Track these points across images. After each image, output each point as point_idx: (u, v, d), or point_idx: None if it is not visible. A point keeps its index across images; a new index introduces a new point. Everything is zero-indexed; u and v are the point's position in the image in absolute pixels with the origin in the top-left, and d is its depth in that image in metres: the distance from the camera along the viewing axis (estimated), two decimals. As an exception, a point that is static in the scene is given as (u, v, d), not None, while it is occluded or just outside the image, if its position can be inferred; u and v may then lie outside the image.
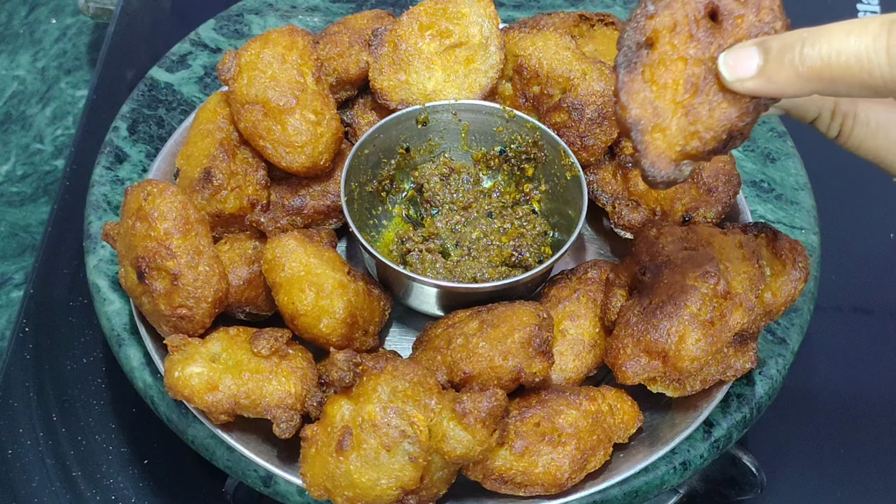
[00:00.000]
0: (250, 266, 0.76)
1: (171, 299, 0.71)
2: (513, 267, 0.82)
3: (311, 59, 0.83)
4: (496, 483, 0.68)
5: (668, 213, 0.81)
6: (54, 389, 0.89)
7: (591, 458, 0.69)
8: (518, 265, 0.82)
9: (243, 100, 0.81)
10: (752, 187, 0.93)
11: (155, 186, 0.72)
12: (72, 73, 1.24)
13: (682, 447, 0.74)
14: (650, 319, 0.69)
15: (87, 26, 1.29)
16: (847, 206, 1.07)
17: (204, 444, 0.73)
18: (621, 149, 0.86)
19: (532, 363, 0.69)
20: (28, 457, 0.85)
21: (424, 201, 0.87)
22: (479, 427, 0.63)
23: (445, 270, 0.81)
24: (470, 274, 0.81)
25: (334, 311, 0.72)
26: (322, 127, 0.81)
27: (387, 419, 0.64)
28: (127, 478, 0.84)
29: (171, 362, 0.69)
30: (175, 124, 0.94)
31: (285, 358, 0.70)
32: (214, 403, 0.68)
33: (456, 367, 0.70)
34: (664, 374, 0.69)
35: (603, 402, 0.72)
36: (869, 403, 0.93)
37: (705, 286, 0.69)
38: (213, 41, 1.02)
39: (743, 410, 0.77)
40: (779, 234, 0.77)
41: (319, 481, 0.66)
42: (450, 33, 0.86)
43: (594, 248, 0.90)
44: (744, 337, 0.71)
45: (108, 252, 0.83)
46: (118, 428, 0.87)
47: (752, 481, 0.82)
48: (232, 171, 0.80)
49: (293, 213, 0.83)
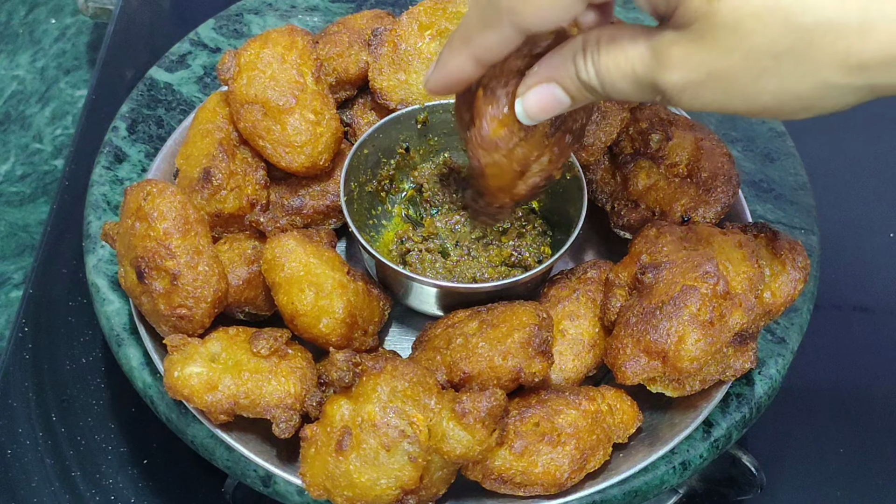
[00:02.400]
0: (250, 266, 0.76)
1: (170, 299, 0.71)
2: (512, 267, 0.82)
3: (310, 59, 0.83)
4: (495, 483, 0.68)
5: (667, 214, 0.81)
6: (53, 389, 0.89)
7: (591, 458, 0.69)
8: (518, 265, 0.82)
9: (243, 99, 0.81)
10: (752, 187, 0.93)
11: (154, 186, 0.72)
12: (71, 73, 1.24)
13: (681, 447, 0.74)
14: (650, 319, 0.69)
15: (87, 26, 1.29)
16: (847, 205, 1.07)
17: (203, 444, 0.73)
18: (621, 148, 0.86)
19: (532, 363, 0.69)
20: (27, 457, 0.85)
21: (424, 201, 0.87)
22: (479, 427, 0.63)
23: (445, 270, 0.81)
24: (470, 274, 0.81)
25: (334, 311, 0.72)
26: (322, 127, 0.81)
27: (386, 419, 0.64)
28: (126, 478, 0.84)
29: (170, 362, 0.69)
30: (174, 124, 0.94)
31: (285, 358, 0.70)
32: (214, 403, 0.68)
33: (455, 367, 0.70)
34: (664, 375, 0.69)
35: (602, 401, 0.72)
36: (869, 403, 0.93)
37: (705, 286, 0.69)
38: (212, 41, 1.02)
39: (742, 410, 0.77)
40: (778, 234, 0.77)
41: (319, 481, 0.66)
42: (450, 33, 0.86)
43: (594, 248, 0.90)
44: (743, 337, 0.71)
45: (107, 252, 0.83)
46: (117, 428, 0.87)
47: (751, 481, 0.82)
48: (231, 170, 0.80)
49: (293, 213, 0.83)
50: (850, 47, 0.52)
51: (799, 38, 0.52)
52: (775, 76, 0.54)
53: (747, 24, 0.52)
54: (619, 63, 0.58)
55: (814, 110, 0.56)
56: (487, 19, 0.59)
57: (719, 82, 0.55)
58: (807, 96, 0.54)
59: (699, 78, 0.55)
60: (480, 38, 0.61)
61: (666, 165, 0.83)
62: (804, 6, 0.51)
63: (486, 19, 0.60)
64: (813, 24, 0.51)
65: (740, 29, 0.52)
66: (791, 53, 0.53)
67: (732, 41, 0.53)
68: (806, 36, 0.52)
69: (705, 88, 0.56)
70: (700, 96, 0.56)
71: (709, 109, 0.58)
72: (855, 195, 1.08)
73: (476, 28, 0.61)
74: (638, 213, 0.83)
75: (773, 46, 0.53)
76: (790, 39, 0.52)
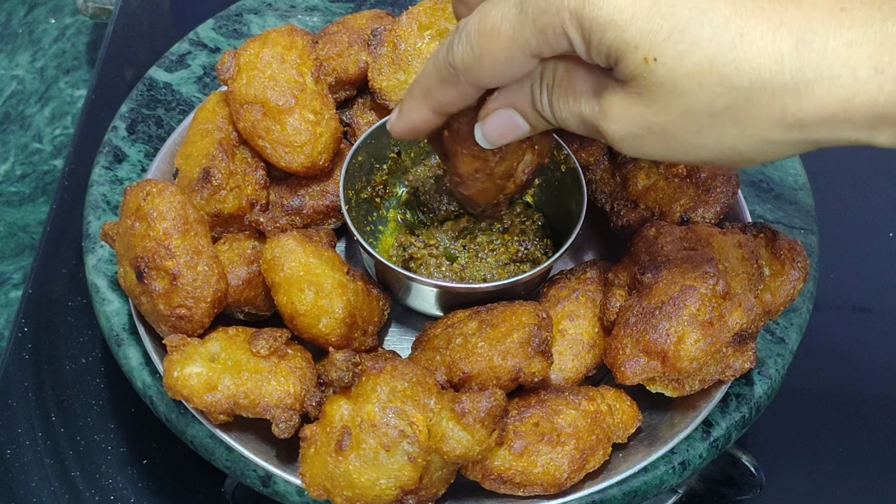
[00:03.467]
0: (249, 266, 0.76)
1: (170, 299, 0.71)
2: (521, 262, 0.82)
3: (310, 59, 0.83)
4: (495, 483, 0.68)
5: (667, 214, 0.81)
6: (53, 389, 0.89)
7: (590, 457, 0.69)
8: (526, 259, 0.82)
9: (242, 99, 0.81)
10: (751, 187, 0.93)
11: (154, 186, 0.72)
12: (71, 73, 1.24)
13: (681, 447, 0.74)
14: (649, 319, 0.69)
15: (86, 26, 1.29)
16: (846, 205, 1.07)
17: (203, 444, 0.73)
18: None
19: (531, 363, 0.69)
20: (27, 457, 0.85)
21: (421, 205, 0.87)
22: (478, 427, 0.63)
23: (453, 273, 0.81)
24: (479, 275, 0.81)
25: (333, 311, 0.72)
26: (321, 127, 0.81)
27: (386, 419, 0.64)
28: (126, 478, 0.84)
29: (170, 362, 0.69)
30: (174, 124, 0.94)
31: (284, 358, 0.70)
32: (213, 403, 0.68)
33: (455, 367, 0.70)
34: (663, 375, 0.69)
35: (602, 401, 0.72)
36: (868, 403, 0.93)
37: (704, 286, 0.69)
38: (212, 41, 1.02)
39: (742, 410, 0.77)
40: (778, 234, 0.77)
41: (318, 481, 0.66)
42: (449, 33, 0.86)
43: (594, 248, 0.90)
44: (743, 337, 0.71)
45: (106, 252, 0.83)
46: (117, 428, 0.87)
47: (751, 481, 0.82)
48: (231, 170, 0.80)
49: (292, 213, 0.83)
50: (786, 107, 0.53)
51: (735, 98, 0.53)
52: (714, 133, 0.55)
53: (684, 84, 0.54)
54: (569, 104, 0.60)
55: (756, 162, 0.57)
56: (445, 76, 0.62)
57: (658, 136, 0.57)
58: (746, 151, 0.56)
59: (639, 131, 0.57)
60: (440, 93, 0.64)
61: (665, 166, 0.83)
62: (740, 67, 0.52)
63: (444, 76, 0.63)
64: (749, 84, 0.52)
65: (677, 89, 0.54)
66: (728, 112, 0.54)
67: (670, 100, 0.55)
68: (742, 95, 0.53)
69: (645, 140, 0.57)
70: (640, 148, 0.58)
71: (651, 158, 0.60)
72: (854, 195, 1.08)
73: (435, 83, 0.63)
74: (637, 213, 0.83)
75: (709, 106, 0.54)
76: (727, 99, 0.53)
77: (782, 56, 0.52)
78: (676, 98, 0.54)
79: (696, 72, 0.53)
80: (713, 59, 0.52)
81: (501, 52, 0.58)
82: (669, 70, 0.53)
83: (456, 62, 0.60)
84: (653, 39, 0.53)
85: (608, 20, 0.53)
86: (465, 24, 0.60)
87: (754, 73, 0.52)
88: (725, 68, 0.52)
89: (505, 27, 0.57)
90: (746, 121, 0.54)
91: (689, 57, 0.53)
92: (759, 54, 0.52)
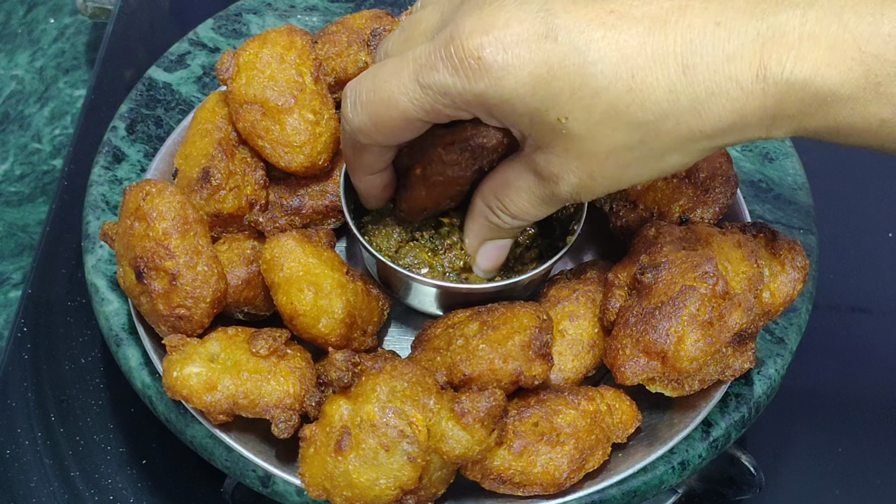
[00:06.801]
0: (249, 266, 0.76)
1: (169, 299, 0.71)
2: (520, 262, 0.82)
3: (309, 59, 0.83)
4: (495, 483, 0.68)
5: (666, 214, 0.81)
6: (52, 389, 0.89)
7: (590, 457, 0.69)
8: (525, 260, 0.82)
9: (242, 99, 0.81)
10: (751, 187, 0.93)
11: (153, 186, 0.72)
12: (70, 73, 1.24)
13: (680, 447, 0.74)
14: (649, 320, 0.69)
15: (86, 26, 1.29)
16: (845, 205, 1.07)
17: (202, 444, 0.73)
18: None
19: (532, 366, 0.69)
20: (26, 457, 0.85)
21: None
22: (478, 427, 0.63)
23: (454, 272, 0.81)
24: None
25: (333, 311, 0.72)
26: (321, 127, 0.81)
27: (385, 419, 0.64)
28: (125, 478, 0.84)
29: (169, 362, 0.69)
30: (173, 124, 0.93)
31: (284, 358, 0.70)
32: (213, 403, 0.68)
33: (455, 368, 0.70)
34: (663, 375, 0.70)
35: (601, 401, 0.72)
36: (868, 403, 0.93)
37: (704, 286, 0.69)
38: (211, 41, 1.02)
39: (741, 410, 0.77)
40: (777, 234, 0.77)
41: (318, 481, 0.66)
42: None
43: (594, 248, 0.90)
44: (742, 337, 0.71)
45: (106, 252, 0.83)
46: (116, 428, 0.87)
47: (750, 481, 0.82)
48: (230, 170, 0.80)
49: (292, 213, 0.83)
50: (690, 126, 0.59)
51: (646, 132, 0.60)
52: (640, 163, 0.62)
53: (598, 131, 0.60)
54: (521, 199, 0.68)
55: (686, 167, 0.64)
56: (354, 144, 0.71)
57: (600, 178, 0.64)
58: (673, 167, 0.63)
59: (583, 180, 0.64)
60: (360, 161, 0.73)
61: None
62: (642, 104, 0.58)
63: (353, 144, 0.71)
64: (653, 118, 0.59)
65: (595, 136, 0.60)
66: (644, 144, 0.61)
67: (594, 146, 0.61)
68: (651, 128, 0.60)
69: (594, 184, 0.64)
70: (594, 191, 0.65)
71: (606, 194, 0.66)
72: (854, 195, 1.08)
73: (352, 154, 0.73)
74: (636, 213, 0.83)
75: (627, 143, 0.61)
76: (639, 133, 0.60)
77: (673, 84, 0.58)
78: (598, 144, 0.61)
79: (604, 119, 0.59)
80: (615, 104, 0.58)
81: (399, 119, 0.64)
82: (583, 122, 0.59)
83: (355, 131, 0.66)
84: (558, 101, 0.59)
85: (512, 95, 0.59)
86: (355, 93, 0.65)
87: (655, 107, 0.58)
88: (629, 109, 0.58)
89: (402, 101, 0.62)
90: (662, 147, 0.61)
91: (594, 108, 0.59)
92: (653, 89, 0.58)
